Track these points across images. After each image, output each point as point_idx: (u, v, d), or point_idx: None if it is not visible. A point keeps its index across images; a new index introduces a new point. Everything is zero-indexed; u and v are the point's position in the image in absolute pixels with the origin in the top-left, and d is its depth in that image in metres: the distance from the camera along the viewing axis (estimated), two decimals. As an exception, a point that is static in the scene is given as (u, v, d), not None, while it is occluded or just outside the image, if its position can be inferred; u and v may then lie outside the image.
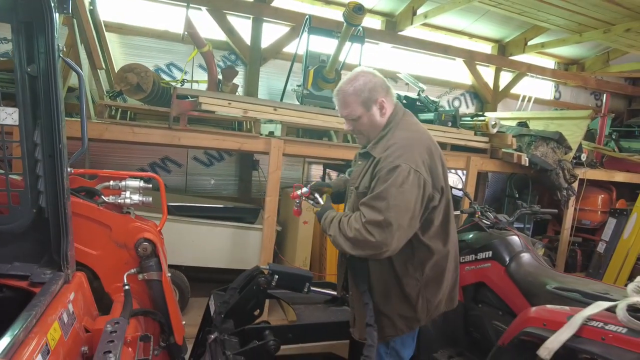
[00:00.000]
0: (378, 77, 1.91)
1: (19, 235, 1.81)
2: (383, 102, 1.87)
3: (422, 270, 1.88)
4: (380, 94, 1.86)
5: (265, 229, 3.53)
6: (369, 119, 1.90)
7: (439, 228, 1.88)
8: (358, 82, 1.86)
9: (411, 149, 1.79)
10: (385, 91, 1.89)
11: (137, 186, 2.10)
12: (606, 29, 5.23)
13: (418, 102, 4.81)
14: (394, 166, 1.73)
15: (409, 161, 1.74)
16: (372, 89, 1.86)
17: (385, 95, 1.89)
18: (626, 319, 1.60)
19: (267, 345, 2.03)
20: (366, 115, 1.89)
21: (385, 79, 1.96)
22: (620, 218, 4.92)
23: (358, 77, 1.88)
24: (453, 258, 2.01)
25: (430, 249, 1.87)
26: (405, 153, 1.77)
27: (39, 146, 1.75)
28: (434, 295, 1.91)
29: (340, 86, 1.92)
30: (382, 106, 1.88)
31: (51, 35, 1.66)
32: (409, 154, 1.76)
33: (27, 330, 1.33)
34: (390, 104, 1.91)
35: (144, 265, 2.03)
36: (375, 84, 1.87)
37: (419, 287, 1.88)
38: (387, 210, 1.70)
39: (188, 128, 3.31)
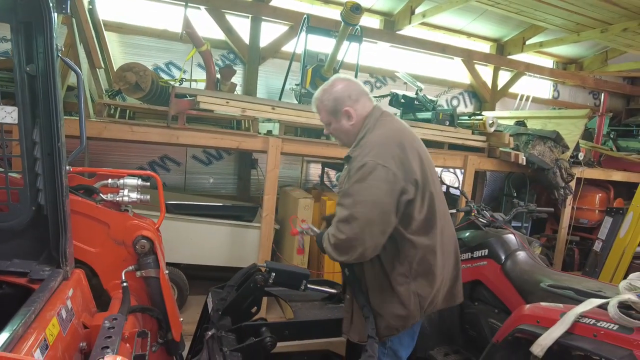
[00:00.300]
0: (348, 86, 1.95)
1: (18, 232, 1.83)
2: (349, 111, 1.92)
3: (410, 266, 1.87)
4: (346, 103, 1.92)
5: (264, 227, 3.55)
6: (338, 126, 1.98)
7: (422, 223, 1.86)
8: (327, 92, 1.96)
9: (380, 145, 1.83)
10: (353, 99, 1.93)
11: (135, 184, 2.12)
12: (604, 29, 5.25)
13: (416, 101, 4.83)
14: (362, 164, 1.78)
15: (376, 157, 1.78)
16: (338, 99, 1.92)
17: (354, 103, 1.93)
18: (617, 316, 1.63)
19: (264, 342, 2.04)
20: (335, 122, 1.97)
21: (360, 84, 2.01)
22: (617, 217, 4.94)
23: (328, 87, 1.97)
24: (445, 253, 1.97)
25: (414, 244, 1.85)
26: (373, 150, 1.81)
27: (38, 144, 1.77)
28: (425, 290, 1.90)
29: (315, 94, 2.02)
30: (349, 115, 1.93)
31: (50, 35, 1.68)
32: (377, 150, 1.80)
33: (26, 326, 1.35)
34: (360, 111, 1.94)
35: (142, 262, 2.05)
36: (343, 93, 1.92)
37: (408, 283, 1.87)
38: (352, 206, 1.75)
39: (186, 127, 3.33)
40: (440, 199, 1.98)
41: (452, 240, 2.07)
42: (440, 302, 2.00)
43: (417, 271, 1.88)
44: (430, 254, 1.89)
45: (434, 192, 1.92)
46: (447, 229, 2.01)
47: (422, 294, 1.89)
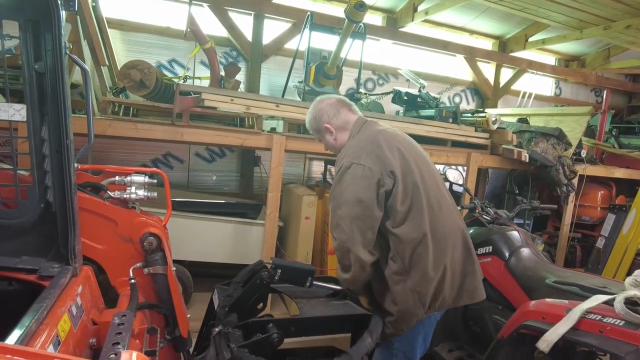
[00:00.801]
0: (329, 104, 2.10)
1: (27, 229, 1.83)
2: (328, 127, 2.07)
3: (402, 262, 1.87)
4: (324, 120, 2.07)
5: (268, 224, 3.56)
6: (325, 141, 2.16)
7: (405, 215, 1.86)
8: (310, 114, 2.16)
9: (354, 147, 1.95)
10: (331, 114, 2.07)
11: (142, 182, 2.13)
12: (606, 26, 5.24)
13: (419, 98, 4.83)
14: (339, 167, 1.92)
15: (351, 157, 1.89)
16: (317, 119, 2.10)
17: (331, 119, 2.07)
18: (623, 312, 1.64)
19: (271, 338, 2.05)
20: (322, 138, 2.16)
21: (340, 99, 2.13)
22: (620, 214, 4.95)
23: (311, 108, 2.16)
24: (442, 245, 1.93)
25: (400, 238, 1.85)
26: (348, 152, 1.94)
27: (47, 142, 1.78)
28: (423, 286, 1.87)
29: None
30: (329, 130, 2.08)
31: (58, 33, 1.68)
32: (351, 151, 1.93)
33: (39, 322, 1.36)
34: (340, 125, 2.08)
35: (150, 259, 2.06)
36: (321, 111, 2.08)
37: (404, 280, 1.87)
38: (337, 208, 1.86)
39: (190, 124, 3.33)
40: (430, 191, 1.95)
41: (455, 232, 1.99)
42: (449, 298, 1.95)
43: (410, 266, 1.87)
44: (421, 246, 1.86)
45: (419, 183, 1.91)
46: (444, 221, 1.95)
47: (420, 290, 1.87)
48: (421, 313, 1.90)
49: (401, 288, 1.87)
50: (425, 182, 1.95)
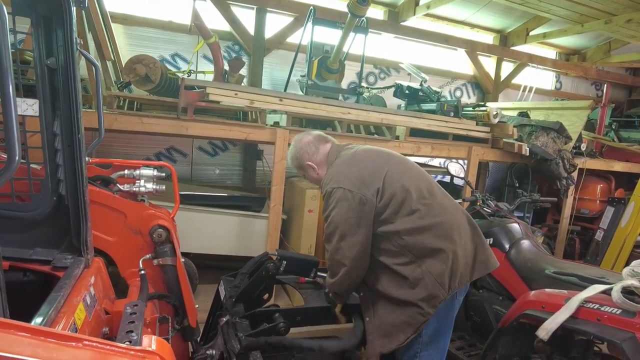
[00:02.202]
0: (306, 144, 2.25)
1: (40, 222, 1.88)
2: (310, 165, 2.24)
3: (411, 253, 1.94)
4: (305, 159, 2.24)
5: (272, 217, 3.61)
6: (310, 177, 2.32)
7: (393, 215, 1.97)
8: (290, 155, 2.32)
9: (334, 174, 2.09)
10: (311, 152, 2.23)
11: (151, 175, 2.17)
12: (607, 20, 5.25)
13: (420, 92, 4.86)
14: (324, 194, 2.10)
15: (332, 183, 2.04)
16: (299, 158, 2.26)
17: (312, 156, 2.23)
18: (621, 301, 1.69)
19: (278, 327, 2.10)
20: (306, 174, 2.32)
21: (315, 135, 2.27)
22: (618, 206, 5.01)
23: (290, 150, 2.32)
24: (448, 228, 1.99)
25: (398, 233, 1.95)
26: (329, 180, 2.08)
27: (59, 136, 1.82)
28: (438, 267, 1.93)
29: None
30: (311, 167, 2.24)
31: (70, 29, 1.71)
32: (331, 178, 2.07)
33: (57, 310, 1.41)
34: (320, 160, 2.23)
35: (159, 251, 2.11)
36: (300, 152, 2.25)
37: (419, 266, 1.94)
38: (328, 227, 2.04)
39: (195, 118, 3.37)
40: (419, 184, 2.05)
41: (457, 213, 2.09)
42: (467, 273, 2.00)
43: (420, 254, 1.94)
44: (420, 234, 1.94)
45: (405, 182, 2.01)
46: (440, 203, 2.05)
47: (434, 271, 1.93)
48: (443, 293, 1.93)
49: (418, 274, 1.94)
50: (411, 178, 2.05)
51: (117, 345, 0.88)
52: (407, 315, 1.96)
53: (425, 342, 2.02)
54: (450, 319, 2.09)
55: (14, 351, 0.73)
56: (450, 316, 2.08)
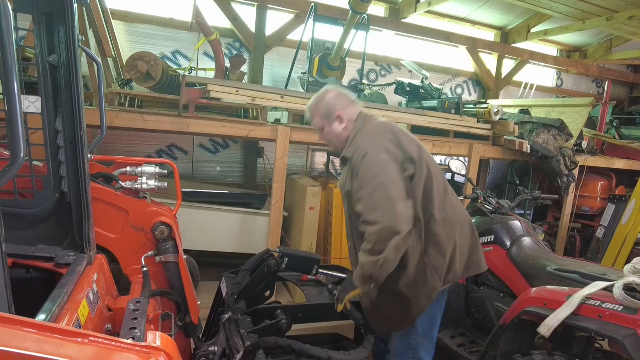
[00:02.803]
0: (340, 94, 2.15)
1: (43, 219, 1.88)
2: (341, 115, 2.09)
3: (420, 239, 1.97)
4: (338, 108, 2.10)
5: (273, 214, 3.61)
6: (330, 130, 2.14)
7: (421, 198, 1.97)
8: (320, 99, 2.15)
9: (374, 135, 2.00)
10: (344, 104, 2.11)
11: (153, 172, 2.17)
12: (609, 17, 5.24)
13: (422, 89, 4.85)
14: (363, 156, 1.93)
15: (375, 145, 1.95)
16: (330, 105, 2.11)
17: (345, 108, 2.11)
18: (622, 298, 1.69)
19: (280, 324, 2.11)
20: (328, 126, 2.14)
21: (349, 93, 2.19)
22: (619, 204, 5.00)
23: (322, 95, 2.16)
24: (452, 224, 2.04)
25: (418, 218, 1.96)
26: (368, 142, 1.98)
27: (61, 133, 1.82)
28: (439, 261, 1.99)
29: (309, 103, 2.21)
30: (340, 119, 2.10)
31: (71, 26, 1.71)
32: (372, 140, 1.98)
33: (61, 307, 1.41)
34: (350, 115, 2.12)
35: (161, 248, 2.11)
36: (335, 100, 2.11)
37: (422, 258, 1.97)
38: (373, 193, 1.84)
39: (197, 115, 3.36)
40: (438, 177, 2.07)
41: (462, 213, 2.15)
42: (460, 270, 2.07)
43: (427, 243, 1.98)
44: (435, 224, 1.98)
45: (431, 168, 2.03)
46: (451, 202, 2.10)
47: (435, 265, 1.98)
48: (439, 285, 2.01)
49: (421, 266, 1.97)
50: (435, 167, 2.08)
51: (122, 342, 0.88)
52: (404, 305, 2.00)
53: (420, 333, 2.09)
54: (441, 311, 2.17)
55: (21, 347, 0.74)
56: (441, 307, 2.16)
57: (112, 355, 0.84)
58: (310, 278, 2.68)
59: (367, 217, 1.84)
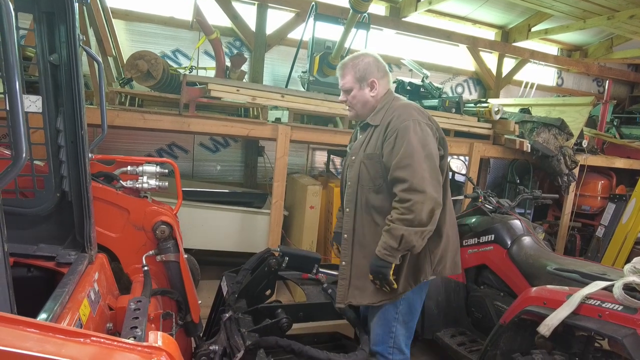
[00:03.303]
0: (379, 61, 2.08)
1: (44, 218, 1.89)
2: (374, 83, 2.03)
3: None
4: (374, 74, 2.02)
5: (273, 213, 3.62)
6: (359, 94, 2.05)
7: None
8: (358, 59, 2.04)
9: (412, 108, 1.98)
10: (380, 74, 2.06)
11: (154, 171, 2.18)
12: (610, 16, 5.23)
13: (422, 88, 4.85)
14: (409, 121, 1.89)
15: (418, 116, 1.93)
16: (368, 69, 2.02)
17: (380, 78, 2.05)
18: (622, 297, 1.70)
19: (280, 323, 2.12)
20: (357, 90, 2.05)
21: (387, 65, 2.14)
22: (620, 203, 5.01)
23: (360, 56, 2.06)
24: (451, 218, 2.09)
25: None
26: (409, 112, 1.95)
27: (62, 133, 1.82)
28: (435, 246, 2.00)
29: (344, 60, 2.11)
30: (373, 86, 2.03)
31: (72, 25, 1.72)
32: (412, 112, 1.95)
33: (62, 306, 1.42)
34: (383, 87, 2.07)
35: (162, 247, 2.12)
36: (372, 65, 2.03)
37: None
38: (422, 163, 1.84)
39: (197, 114, 3.37)
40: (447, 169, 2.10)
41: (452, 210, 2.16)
42: (448, 265, 2.08)
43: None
44: (442, 211, 1.98)
45: (446, 157, 2.05)
46: (450, 201, 2.12)
47: (432, 250, 2.00)
48: (429, 271, 2.01)
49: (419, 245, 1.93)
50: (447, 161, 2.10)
51: (124, 342, 0.88)
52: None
53: (400, 320, 2.06)
54: (421, 302, 2.15)
55: (23, 347, 0.74)
56: (421, 299, 2.15)
57: (113, 355, 0.84)
58: (310, 277, 2.68)
59: (415, 185, 1.82)
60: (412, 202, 1.81)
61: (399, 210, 1.85)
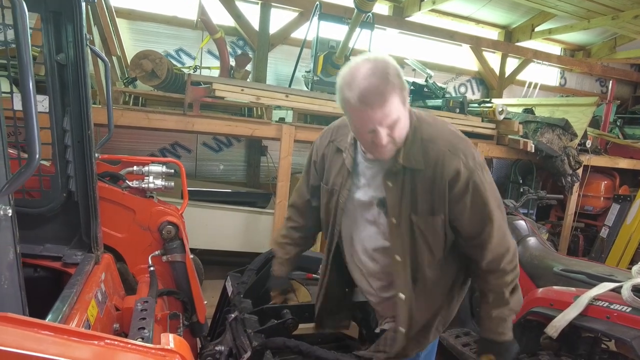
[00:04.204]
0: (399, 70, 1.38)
1: (50, 218, 1.88)
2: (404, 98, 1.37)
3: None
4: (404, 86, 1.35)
5: (277, 213, 3.61)
6: (405, 118, 1.39)
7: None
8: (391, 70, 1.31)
9: (460, 139, 1.47)
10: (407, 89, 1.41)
11: (160, 171, 2.17)
12: (614, 16, 5.22)
13: (426, 88, 4.84)
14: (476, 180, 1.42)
15: (477, 158, 1.45)
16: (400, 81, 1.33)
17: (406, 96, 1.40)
18: (631, 299, 1.69)
19: (286, 323, 2.11)
20: (403, 114, 1.37)
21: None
22: (624, 204, 5.00)
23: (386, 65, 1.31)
24: None
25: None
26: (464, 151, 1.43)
27: (69, 132, 1.82)
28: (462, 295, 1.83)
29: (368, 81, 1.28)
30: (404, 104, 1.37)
31: (80, 25, 1.71)
32: (465, 148, 1.44)
33: (71, 307, 1.41)
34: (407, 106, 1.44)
35: (168, 247, 2.11)
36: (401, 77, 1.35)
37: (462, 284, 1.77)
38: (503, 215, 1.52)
39: (202, 114, 3.36)
40: None
41: None
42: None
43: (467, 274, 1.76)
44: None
45: None
46: None
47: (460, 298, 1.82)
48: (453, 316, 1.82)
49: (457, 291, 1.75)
50: None
51: (137, 344, 0.88)
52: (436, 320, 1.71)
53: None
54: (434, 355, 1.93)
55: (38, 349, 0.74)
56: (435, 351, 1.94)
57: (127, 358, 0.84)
58: (314, 277, 2.68)
59: (506, 244, 1.49)
60: (506, 262, 1.49)
61: (508, 287, 1.51)
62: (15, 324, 0.76)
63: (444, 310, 1.69)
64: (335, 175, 1.65)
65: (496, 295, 1.54)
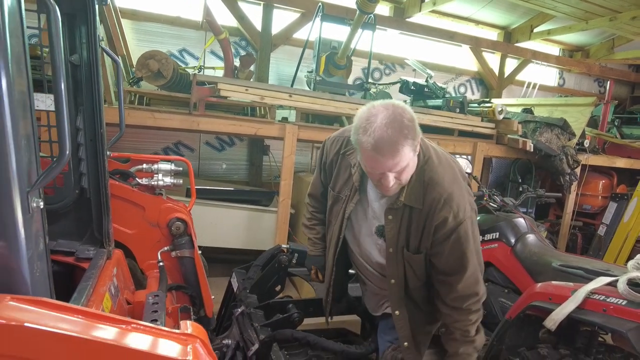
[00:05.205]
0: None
1: (63, 214, 1.93)
2: (417, 145, 1.47)
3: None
4: (418, 132, 1.44)
5: (280, 211, 3.67)
6: (413, 163, 1.50)
7: None
8: (406, 121, 1.39)
9: (458, 188, 1.58)
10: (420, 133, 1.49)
11: (168, 169, 2.23)
12: (612, 17, 5.27)
13: (426, 88, 4.90)
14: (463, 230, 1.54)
15: (470, 213, 1.59)
16: (415, 127, 1.42)
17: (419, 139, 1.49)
18: (626, 292, 1.75)
19: (292, 317, 2.17)
20: (413, 159, 1.49)
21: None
22: (621, 202, 5.06)
23: (402, 115, 1.40)
24: None
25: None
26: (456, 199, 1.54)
27: (82, 131, 1.87)
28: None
29: (384, 132, 1.37)
30: (415, 150, 1.48)
31: (93, 26, 1.77)
32: (459, 199, 1.55)
33: (88, 299, 1.47)
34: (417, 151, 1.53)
35: (177, 243, 2.17)
36: (415, 121, 1.43)
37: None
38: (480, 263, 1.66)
39: (206, 114, 3.41)
40: None
41: None
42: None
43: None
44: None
45: None
46: None
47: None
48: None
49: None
50: None
51: (160, 329, 0.94)
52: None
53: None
54: None
55: (73, 330, 0.79)
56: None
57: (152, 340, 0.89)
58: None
59: (475, 289, 1.61)
60: (474, 309, 1.64)
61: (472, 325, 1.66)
62: (51, 308, 0.81)
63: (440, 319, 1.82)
64: (342, 185, 1.78)
65: (462, 333, 1.68)
